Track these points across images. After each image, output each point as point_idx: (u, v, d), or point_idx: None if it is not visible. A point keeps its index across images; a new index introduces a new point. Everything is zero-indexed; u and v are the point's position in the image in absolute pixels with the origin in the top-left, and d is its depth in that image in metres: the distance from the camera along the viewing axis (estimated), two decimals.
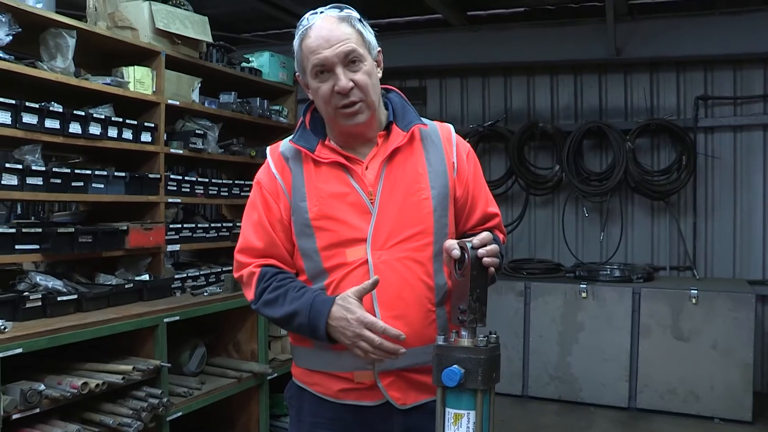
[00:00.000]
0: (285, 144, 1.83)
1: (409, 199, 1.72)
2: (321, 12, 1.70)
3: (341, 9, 1.72)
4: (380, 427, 1.73)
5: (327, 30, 1.66)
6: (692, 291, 5.01)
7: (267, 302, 1.72)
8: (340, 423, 1.75)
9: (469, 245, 1.52)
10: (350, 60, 1.66)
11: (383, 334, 1.56)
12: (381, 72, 1.78)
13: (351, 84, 1.66)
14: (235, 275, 1.84)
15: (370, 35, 1.73)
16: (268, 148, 1.87)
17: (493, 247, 1.54)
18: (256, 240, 1.77)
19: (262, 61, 4.74)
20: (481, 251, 1.52)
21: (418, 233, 1.71)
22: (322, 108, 1.74)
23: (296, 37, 1.72)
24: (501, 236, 1.90)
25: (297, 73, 1.79)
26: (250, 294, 1.78)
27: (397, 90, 1.89)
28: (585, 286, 5.34)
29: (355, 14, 1.73)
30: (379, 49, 1.76)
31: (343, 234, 1.70)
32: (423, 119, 1.83)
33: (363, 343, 1.57)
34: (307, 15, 1.72)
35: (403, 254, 1.69)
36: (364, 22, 1.74)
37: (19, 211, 6.15)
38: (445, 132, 1.86)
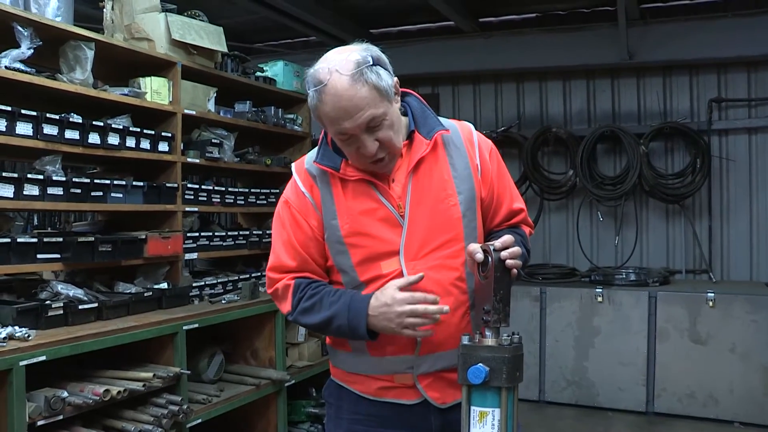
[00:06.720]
0: (309, 161, 1.83)
1: (437, 207, 1.74)
2: (334, 69, 1.60)
3: (349, 55, 1.62)
4: (419, 424, 1.75)
5: (345, 99, 1.58)
6: (709, 294, 4.98)
7: (304, 310, 1.74)
8: (379, 419, 1.77)
9: (492, 248, 1.54)
10: (372, 125, 1.64)
11: (424, 301, 1.61)
12: (399, 97, 1.74)
13: (376, 145, 1.66)
14: (269, 291, 1.86)
15: (384, 77, 1.63)
16: (293, 165, 1.87)
17: (516, 249, 1.57)
18: (287, 259, 1.80)
19: (276, 70, 4.78)
20: (504, 253, 1.55)
21: (449, 240, 1.73)
22: (349, 157, 1.74)
23: (310, 93, 1.64)
24: (527, 230, 1.94)
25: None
26: (286, 306, 1.79)
27: (415, 93, 1.88)
28: (601, 290, 5.32)
29: (367, 58, 1.62)
30: (395, 79, 1.70)
31: (376, 248, 1.72)
32: (443, 121, 1.83)
33: (409, 319, 1.59)
34: (317, 68, 1.64)
35: (436, 262, 1.71)
36: (378, 62, 1.64)
37: (35, 221, 6.22)
38: (466, 133, 1.87)
